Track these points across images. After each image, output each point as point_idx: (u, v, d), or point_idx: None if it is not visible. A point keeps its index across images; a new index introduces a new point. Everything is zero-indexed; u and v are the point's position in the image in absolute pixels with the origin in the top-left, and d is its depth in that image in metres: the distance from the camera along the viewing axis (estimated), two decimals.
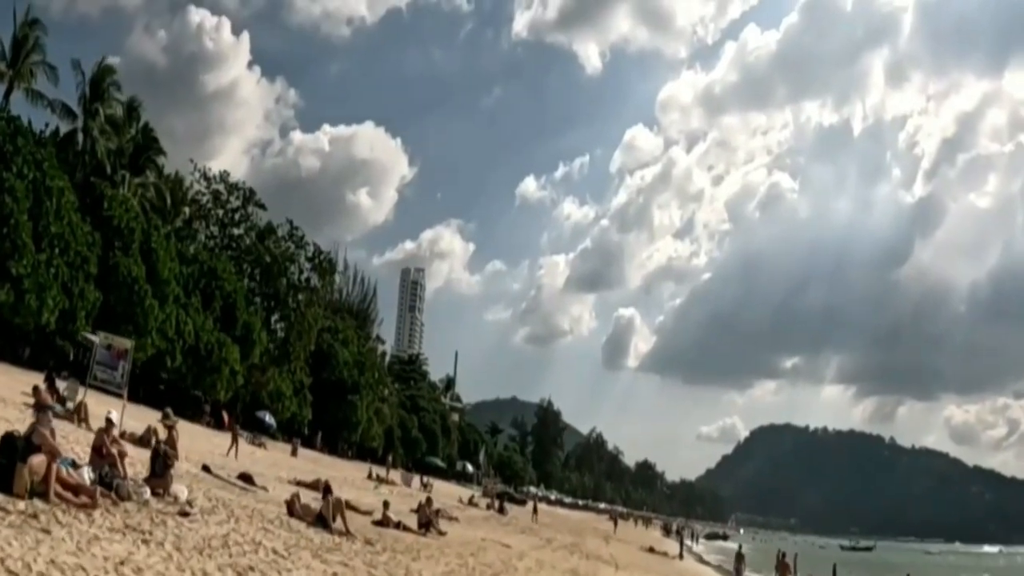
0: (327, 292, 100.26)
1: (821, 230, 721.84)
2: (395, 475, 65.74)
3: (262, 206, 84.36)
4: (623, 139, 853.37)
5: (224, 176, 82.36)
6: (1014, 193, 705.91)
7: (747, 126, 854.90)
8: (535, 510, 65.78)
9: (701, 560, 68.92)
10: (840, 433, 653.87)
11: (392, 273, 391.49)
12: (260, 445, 61.82)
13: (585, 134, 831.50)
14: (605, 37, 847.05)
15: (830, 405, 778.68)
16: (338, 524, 18.49)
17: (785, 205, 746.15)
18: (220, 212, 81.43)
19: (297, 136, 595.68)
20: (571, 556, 33.09)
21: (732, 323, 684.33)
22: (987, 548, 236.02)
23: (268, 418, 72.46)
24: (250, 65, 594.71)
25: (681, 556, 62.14)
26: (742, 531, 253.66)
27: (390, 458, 79.47)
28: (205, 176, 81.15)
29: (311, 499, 20.58)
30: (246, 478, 26.38)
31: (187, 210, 78.69)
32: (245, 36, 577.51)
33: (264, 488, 24.91)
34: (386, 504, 26.91)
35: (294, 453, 62.25)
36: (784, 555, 41.58)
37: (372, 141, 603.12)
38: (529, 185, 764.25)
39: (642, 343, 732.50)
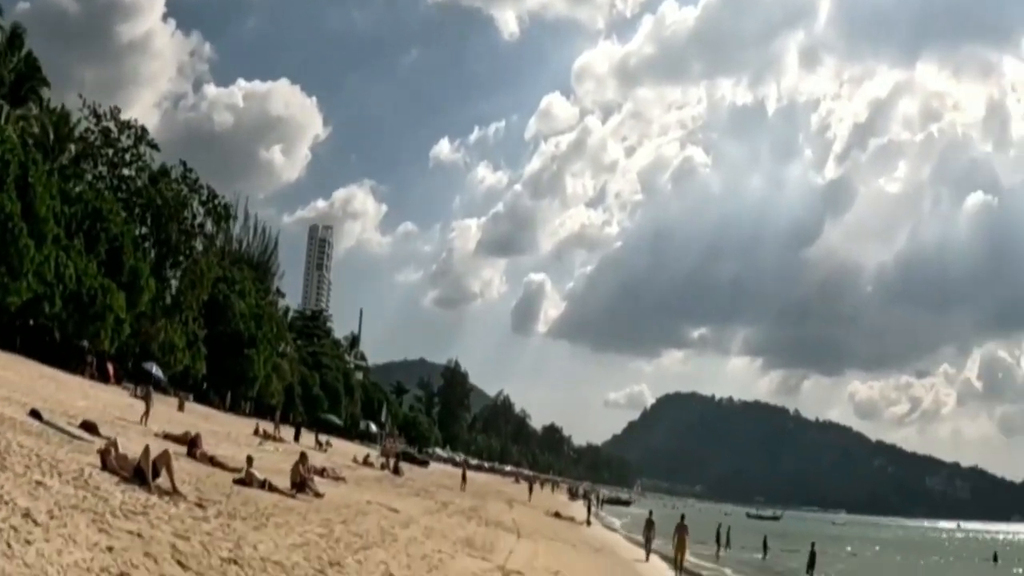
0: (224, 240, 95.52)
1: (733, 206, 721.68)
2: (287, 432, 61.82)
3: (155, 147, 79.34)
4: (539, 106, 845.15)
5: (115, 112, 76.78)
6: (923, 181, 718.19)
7: (662, 100, 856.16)
8: (464, 477, 61.94)
9: (608, 527, 66.49)
10: (746, 403, 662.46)
11: (303, 231, 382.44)
12: (144, 398, 57.98)
13: (501, 99, 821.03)
14: (523, 3, 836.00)
15: (736, 376, 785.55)
16: (162, 480, 14.88)
17: (698, 179, 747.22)
18: (110, 152, 75.88)
19: (211, 90, 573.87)
20: (468, 522, 29.82)
21: (642, 292, 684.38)
22: (943, 524, 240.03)
23: (156, 370, 67.76)
24: (165, 17, 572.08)
25: (588, 522, 59.67)
26: (647, 496, 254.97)
27: (278, 414, 75.08)
28: (95, 112, 75.32)
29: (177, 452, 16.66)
30: (89, 427, 22.64)
31: (73, 147, 72.93)
32: None
33: (109, 439, 21.01)
34: (249, 460, 23.23)
35: (181, 407, 58.34)
36: (684, 517, 39.21)
37: (287, 99, 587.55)
38: (443, 147, 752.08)
39: (552, 309, 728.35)
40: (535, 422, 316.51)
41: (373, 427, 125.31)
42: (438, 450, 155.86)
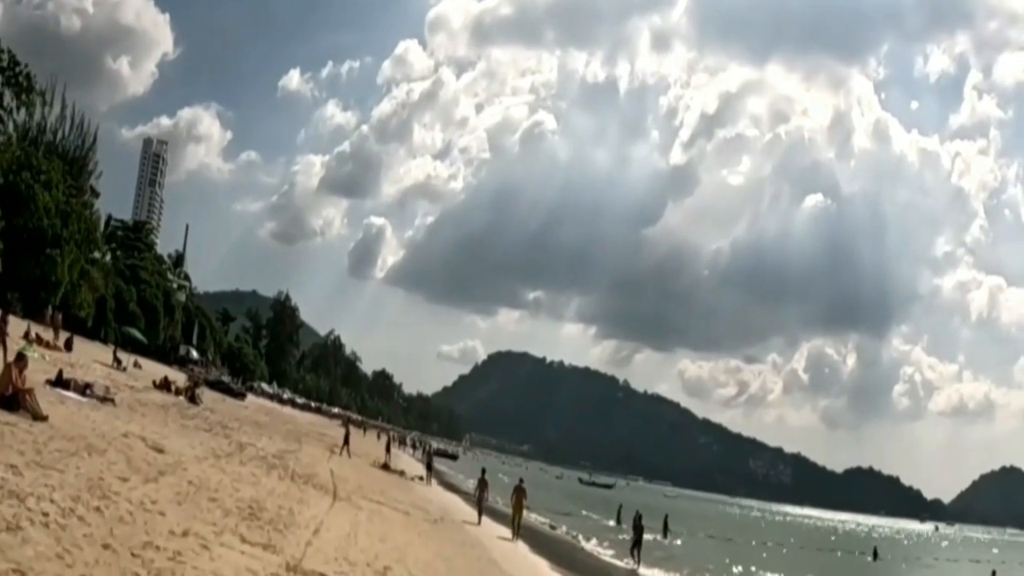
0: (31, 123, 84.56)
1: (578, 176, 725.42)
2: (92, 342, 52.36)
3: None
4: (395, 51, 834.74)
5: None
6: (765, 176, 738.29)
7: (515, 63, 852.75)
8: (388, 448, 52.97)
9: (447, 485, 59.33)
10: (576, 369, 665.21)
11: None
12: None
13: (357, 38, 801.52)
14: None
15: (570, 342, 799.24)
16: None
17: (545, 145, 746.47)
18: None
19: None
20: (266, 475, 21.82)
21: (482, 249, 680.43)
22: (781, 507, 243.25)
23: None
24: None
25: (428, 479, 52.67)
26: (476, 452, 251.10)
27: (53, 313, 64.42)
28: None
29: None
30: None
31: None
32: None
33: None
34: None
35: None
36: (521, 481, 37.05)
37: (139, 10, 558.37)
38: (293, 78, 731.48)
39: (391, 255, 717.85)
40: (366, 367, 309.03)
41: (194, 353, 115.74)
42: (263, 384, 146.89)
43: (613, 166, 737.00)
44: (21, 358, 17.48)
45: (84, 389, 25.44)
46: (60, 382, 24.60)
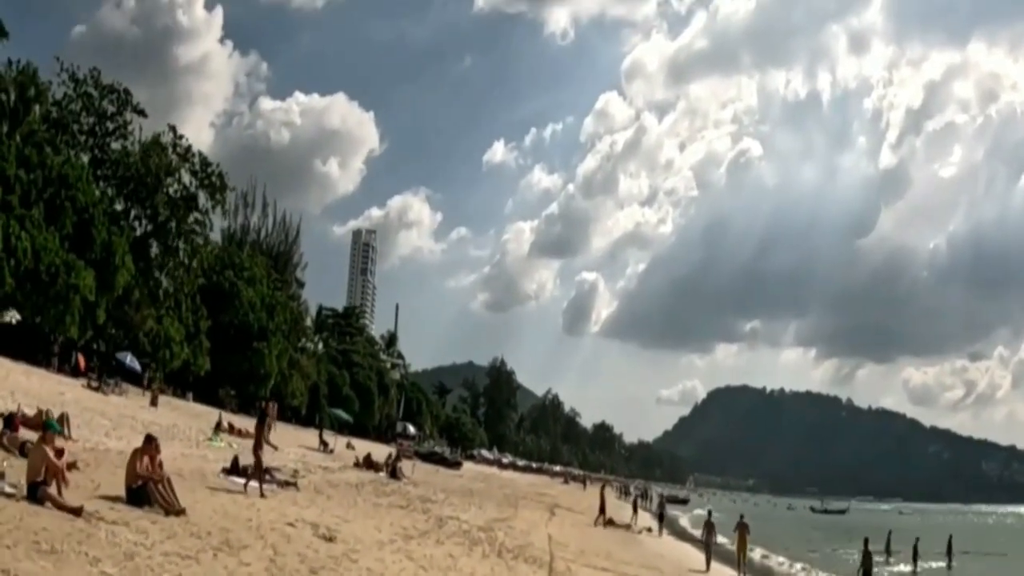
0: (227, 219, 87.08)
1: (787, 197, 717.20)
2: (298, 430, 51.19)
3: (142, 112, 68.95)
4: (595, 106, 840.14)
5: (95, 75, 66.49)
6: (977, 162, 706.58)
7: (715, 95, 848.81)
8: (635, 507, 51.37)
9: (680, 534, 54.78)
10: (797, 394, 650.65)
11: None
12: (115, 391, 49.99)
13: (557, 100, 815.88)
14: (576, 2, 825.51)
15: (789, 367, 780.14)
16: None
17: (751, 172, 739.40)
18: (92, 120, 65.82)
19: (266, 104, 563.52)
20: (467, 554, 18.41)
21: (694, 288, 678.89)
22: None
23: (130, 360, 57.81)
24: (222, 40, 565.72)
25: (660, 530, 48.99)
26: (701, 494, 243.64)
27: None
28: (73, 76, 65.25)
29: None
30: None
31: (38, 109, 62.21)
32: (218, 10, 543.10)
33: None
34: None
35: (154, 402, 49.32)
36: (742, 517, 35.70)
37: (344, 113, 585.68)
38: (497, 150, 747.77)
39: (604, 308, 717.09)
40: (586, 421, 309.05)
41: (411, 428, 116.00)
42: (483, 451, 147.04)
43: (822, 181, 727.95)
44: (150, 442, 14.77)
45: (264, 474, 23.23)
46: (235, 469, 22.45)
